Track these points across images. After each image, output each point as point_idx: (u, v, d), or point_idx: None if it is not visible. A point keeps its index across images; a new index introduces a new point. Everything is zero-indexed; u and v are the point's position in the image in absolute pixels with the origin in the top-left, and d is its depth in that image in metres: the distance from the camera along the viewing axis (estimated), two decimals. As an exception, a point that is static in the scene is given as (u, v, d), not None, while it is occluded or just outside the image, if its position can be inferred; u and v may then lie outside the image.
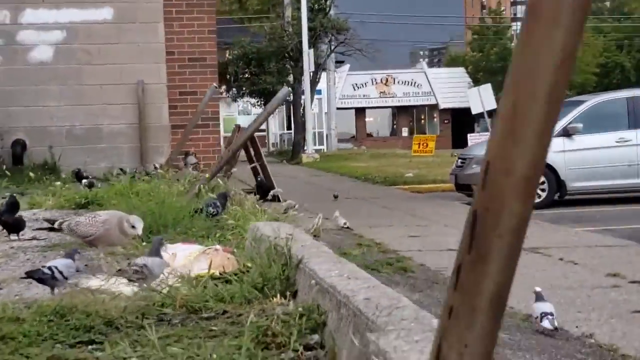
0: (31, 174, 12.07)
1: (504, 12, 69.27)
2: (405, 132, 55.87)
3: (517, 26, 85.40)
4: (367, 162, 31.03)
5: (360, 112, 56.48)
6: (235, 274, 4.24)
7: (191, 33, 13.65)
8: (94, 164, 13.37)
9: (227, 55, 35.67)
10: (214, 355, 2.95)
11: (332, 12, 36.49)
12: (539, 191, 16.11)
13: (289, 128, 41.46)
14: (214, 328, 3.40)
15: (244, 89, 35.75)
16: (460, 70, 58.66)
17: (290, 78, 35.67)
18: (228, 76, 35.19)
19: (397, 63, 71.95)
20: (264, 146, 47.67)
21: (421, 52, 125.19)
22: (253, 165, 20.50)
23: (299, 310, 3.27)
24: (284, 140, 45.03)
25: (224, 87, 36.99)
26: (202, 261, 4.58)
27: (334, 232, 13.04)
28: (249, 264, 4.33)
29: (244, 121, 59.28)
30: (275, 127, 47.99)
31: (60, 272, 4.26)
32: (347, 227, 13.22)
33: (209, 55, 13.73)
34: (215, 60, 13.95)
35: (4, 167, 13.02)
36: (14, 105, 13.15)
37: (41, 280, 4.27)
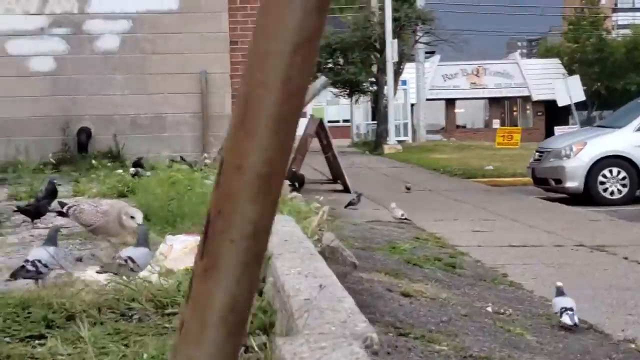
0: (94, 162, 12.21)
1: (602, 1, 67.34)
2: (497, 124, 54.84)
3: (617, 17, 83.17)
4: (450, 154, 30.58)
5: (450, 103, 55.78)
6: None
7: (255, 23, 13.54)
8: (157, 152, 13.43)
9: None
10: (145, 355, 2.82)
11: (419, 1, 36.04)
12: (619, 187, 15.57)
13: (373, 119, 41.19)
14: (167, 325, 3.28)
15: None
16: (555, 61, 57.26)
17: (374, 68, 35.40)
18: (312, 66, 35.07)
19: (490, 54, 70.81)
20: (347, 137, 47.51)
21: (519, 43, 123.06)
22: (327, 155, 20.44)
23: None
24: (368, 131, 44.75)
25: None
26: (194, 254, 4.48)
27: (392, 225, 12.82)
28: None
29: (333, 111, 59.33)
30: (360, 118, 47.75)
31: (45, 265, 4.20)
32: (405, 219, 12.96)
33: (273, 45, 13.61)
34: (279, 50, 13.83)
35: (68, 154, 13.25)
36: (80, 94, 13.33)
37: (27, 277, 4.22)
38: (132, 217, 5.07)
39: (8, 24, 13.16)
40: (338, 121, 57.29)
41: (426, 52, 42.10)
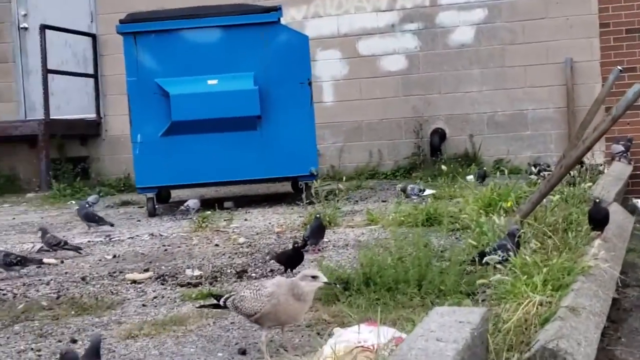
0: (443, 167, 11.27)
1: None
2: None
3: None
4: None
5: None
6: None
7: (629, 0, 11.67)
8: (517, 153, 12.18)
9: None
10: None
11: None
12: None
13: None
14: None
15: None
16: None
17: None
18: None
19: None
20: None
21: None
22: None
23: None
24: None
25: None
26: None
27: None
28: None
29: None
30: None
31: None
32: None
33: (651, 25, 11.64)
34: (659, 30, 11.77)
35: (421, 158, 12.46)
36: (433, 93, 12.45)
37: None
38: (314, 277, 3.98)
39: (359, 23, 12.66)
40: None
41: None
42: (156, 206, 9.68)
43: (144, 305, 5.08)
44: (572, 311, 4.16)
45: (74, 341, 4.35)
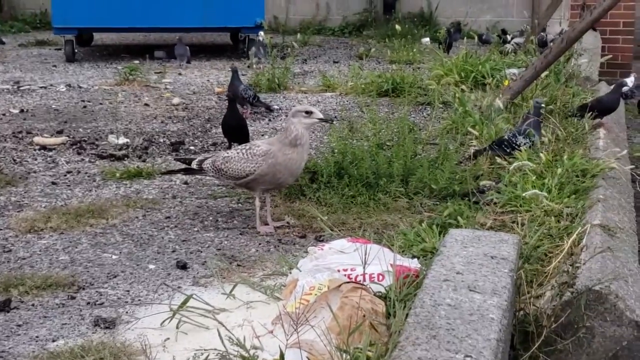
0: (397, 27, 10.22)
1: None
2: None
3: None
4: None
5: None
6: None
7: None
8: (476, 16, 11.12)
9: None
10: None
11: None
12: None
13: None
14: None
15: None
16: None
17: None
18: None
19: None
20: None
21: None
22: None
23: None
24: None
25: None
26: (322, 314, 2.42)
27: None
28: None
29: None
30: None
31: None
32: None
33: None
34: None
35: (372, 15, 11.35)
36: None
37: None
38: (308, 113, 3.41)
39: None
40: None
41: None
42: (76, 50, 8.45)
43: (53, 183, 4.05)
44: (607, 231, 3.29)
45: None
